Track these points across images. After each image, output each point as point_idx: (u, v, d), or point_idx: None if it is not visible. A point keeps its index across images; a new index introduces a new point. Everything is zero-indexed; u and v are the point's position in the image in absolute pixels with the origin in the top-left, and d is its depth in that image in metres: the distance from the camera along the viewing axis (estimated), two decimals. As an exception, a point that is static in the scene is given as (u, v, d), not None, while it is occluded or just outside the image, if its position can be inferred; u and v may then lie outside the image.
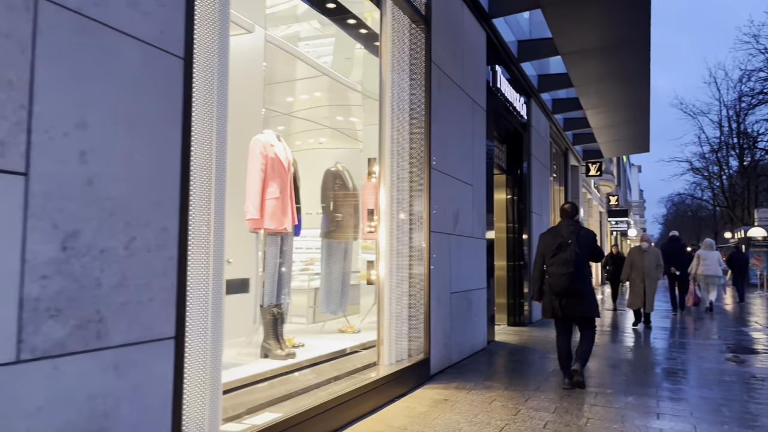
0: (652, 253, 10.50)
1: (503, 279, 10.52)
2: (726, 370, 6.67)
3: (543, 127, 12.45)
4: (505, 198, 10.71)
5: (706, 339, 9.28)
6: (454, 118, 6.80)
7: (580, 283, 5.40)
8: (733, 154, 37.25)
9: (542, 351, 7.79)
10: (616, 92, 11.25)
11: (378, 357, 5.41)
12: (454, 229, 6.70)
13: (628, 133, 14.89)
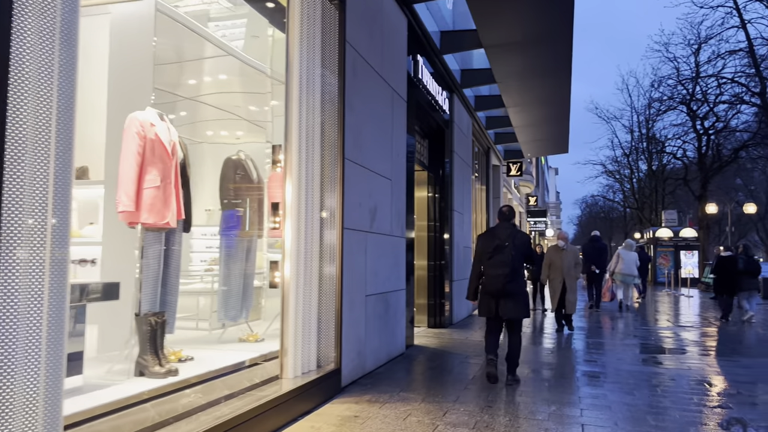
0: (571, 251, 9.95)
1: (424, 279, 10.14)
2: (645, 372, 6.53)
3: (466, 124, 12.21)
4: (427, 195, 10.33)
5: (623, 338, 9.28)
6: (372, 107, 6.29)
7: (516, 285, 5.58)
8: (642, 158, 39.13)
9: (462, 355, 7.43)
10: (538, 89, 11.14)
11: (281, 369, 4.80)
12: (371, 227, 6.18)
13: (548, 133, 14.98)
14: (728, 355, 7.81)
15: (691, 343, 8.86)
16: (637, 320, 12.02)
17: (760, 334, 10.22)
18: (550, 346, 8.40)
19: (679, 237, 30.74)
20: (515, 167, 18.86)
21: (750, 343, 9.12)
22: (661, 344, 8.72)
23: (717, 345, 8.77)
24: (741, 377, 6.34)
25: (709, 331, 10.54)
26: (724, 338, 9.55)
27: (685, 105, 26.40)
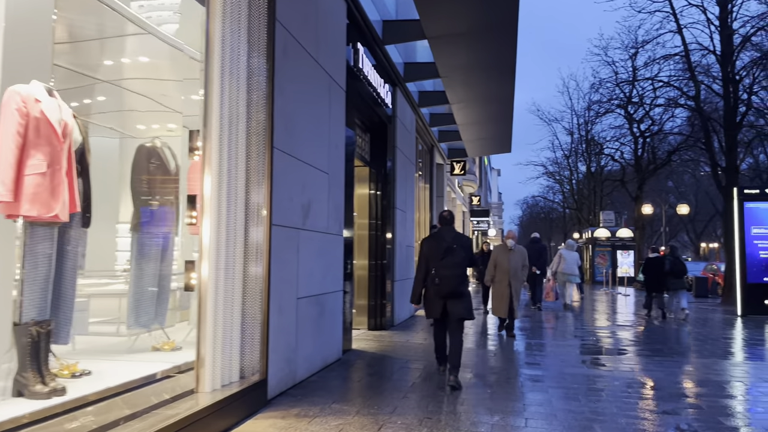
0: (518, 252, 9.11)
1: (365, 279, 9.73)
2: (589, 375, 6.33)
3: (409, 120, 11.88)
4: (369, 192, 9.93)
5: (564, 339, 9.15)
6: (306, 94, 5.81)
7: (465, 286, 5.76)
8: (582, 160, 40.09)
9: (402, 360, 7.05)
10: (482, 85, 10.93)
11: (197, 382, 4.27)
12: (305, 224, 5.71)
13: (492, 132, 14.87)
14: (668, 355, 7.75)
15: (630, 344, 8.80)
16: (578, 320, 12.01)
17: (694, 332, 10.34)
18: (492, 348, 8.15)
19: (616, 237, 31.60)
20: (459, 166, 18.73)
21: (687, 342, 9.16)
22: (602, 345, 8.62)
23: (655, 345, 8.74)
24: (682, 379, 6.23)
25: (645, 330, 10.58)
26: (661, 338, 9.57)
27: (622, 108, 27.07)
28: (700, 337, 9.70)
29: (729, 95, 16.74)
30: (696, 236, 59.32)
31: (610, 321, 11.98)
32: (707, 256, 68.10)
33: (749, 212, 13.48)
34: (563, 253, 14.86)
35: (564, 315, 12.94)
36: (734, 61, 16.90)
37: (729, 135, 16.65)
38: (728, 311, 14.68)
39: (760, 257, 13.36)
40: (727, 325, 11.68)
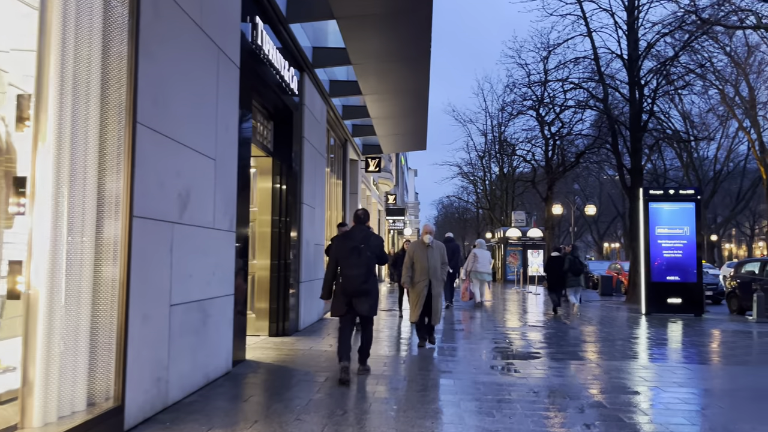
0: (437, 248, 8.04)
1: (266, 280, 8.89)
2: (503, 384, 5.87)
3: (319, 110, 11.12)
4: (272, 186, 9.09)
5: (477, 342, 8.74)
6: (185, 63, 4.94)
7: (370, 284, 5.95)
8: (495, 161, 40.84)
9: (303, 371, 6.30)
10: (396, 76, 10.37)
11: (22, 415, 3.34)
12: (181, 217, 4.84)
13: (407, 127, 14.39)
14: (579, 358, 7.49)
15: (541, 345, 8.52)
16: (491, 320, 11.73)
17: (604, 332, 10.28)
18: (404, 354, 7.57)
19: (526, 237, 32.31)
20: (374, 163, 18.18)
21: (596, 343, 9.01)
22: (514, 347, 8.27)
23: (566, 347, 8.50)
24: (598, 386, 5.89)
25: (556, 331, 10.42)
26: (571, 339, 9.39)
27: (534, 110, 27.60)
28: (610, 337, 9.61)
29: (635, 99, 17.22)
30: (599, 236, 62.41)
31: (521, 321, 11.79)
32: (609, 256, 71.95)
33: (654, 212, 13.80)
34: (476, 252, 15.17)
35: (477, 314, 12.66)
36: (640, 66, 17.41)
37: (634, 137, 17.12)
38: (633, 309, 15.02)
39: (664, 256, 13.70)
40: (633, 323, 11.80)
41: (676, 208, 13.76)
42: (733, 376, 6.44)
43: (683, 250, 13.69)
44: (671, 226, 13.73)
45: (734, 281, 15.16)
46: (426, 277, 7.85)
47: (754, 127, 33.63)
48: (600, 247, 63.45)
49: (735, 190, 41.58)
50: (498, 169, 40.77)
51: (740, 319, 13.17)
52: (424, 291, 7.84)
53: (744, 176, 42.96)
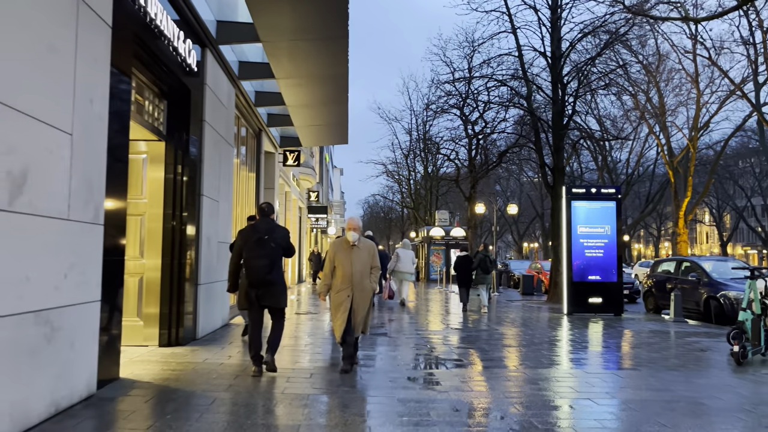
0: (366, 249, 6.49)
1: (156, 282, 7.76)
2: (423, 401, 5.12)
3: (226, 94, 10.04)
4: (165, 175, 7.96)
5: (397, 348, 7.99)
6: (19, 3, 3.85)
7: (275, 275, 6.02)
8: (419, 160, 40.65)
9: (187, 391, 5.29)
10: (312, 58, 9.46)
11: None
12: (11, 203, 3.75)
13: (327, 118, 13.49)
14: (503, 366, 6.89)
15: (463, 350, 7.89)
16: (412, 322, 11.06)
17: (527, 334, 9.83)
18: (316, 365, 6.69)
19: (450, 236, 32.18)
20: (293, 156, 17.14)
21: (519, 348, 8.49)
22: (436, 355, 7.59)
23: (490, 352, 7.92)
24: (524, 399, 5.26)
25: (478, 334, 9.87)
26: (494, 342, 8.85)
27: (458, 109, 27.41)
28: (534, 340, 9.15)
29: (557, 98, 17.15)
30: (519, 236, 64.02)
31: (443, 323, 11.19)
32: (528, 255, 74.04)
33: (576, 211, 13.62)
34: (399, 252, 15.23)
35: (398, 316, 11.97)
36: (562, 65, 17.36)
37: (556, 136, 17.04)
38: (554, 309, 14.83)
39: (586, 256, 13.55)
40: (556, 324, 11.47)
41: (597, 207, 13.65)
42: (666, 384, 6.01)
43: (604, 250, 13.59)
44: (593, 225, 13.60)
45: (651, 280, 15.30)
46: (348, 286, 6.32)
47: (663, 133, 35.16)
48: (520, 247, 65.06)
49: (645, 193, 43.49)
50: (423, 168, 40.60)
51: (657, 318, 13.20)
52: (347, 302, 6.32)
53: (653, 180, 45.12)
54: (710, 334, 10.17)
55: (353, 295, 6.34)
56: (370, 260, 6.48)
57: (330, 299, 6.56)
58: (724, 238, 60.43)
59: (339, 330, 6.33)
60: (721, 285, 12.75)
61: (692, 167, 34.65)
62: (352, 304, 6.35)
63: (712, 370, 6.80)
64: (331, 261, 6.48)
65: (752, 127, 41.31)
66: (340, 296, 6.36)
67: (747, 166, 55.44)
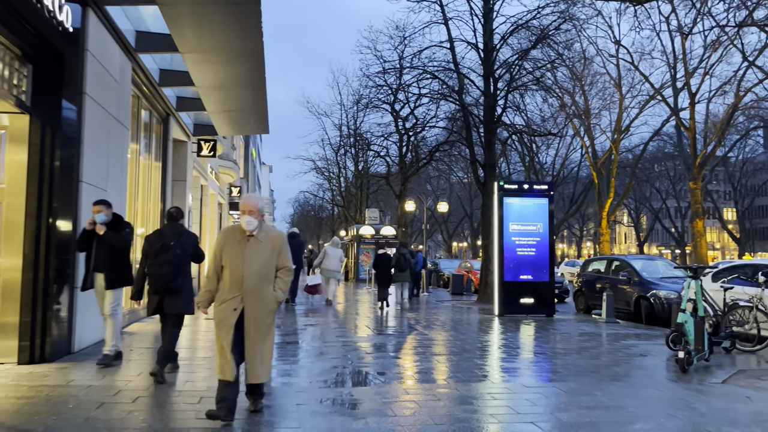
0: (271, 242, 4.49)
1: (15, 285, 6.36)
2: (335, 430, 4.13)
3: (118, 67, 8.65)
4: (30, 156, 6.56)
5: (313, 359, 6.96)
6: None
7: (179, 282, 5.80)
8: (350, 156, 39.69)
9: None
10: (220, 29, 8.25)
11: None
12: None
13: (243, 103, 12.23)
14: (432, 381, 6.01)
15: (389, 362, 6.96)
16: (334, 326, 10.03)
17: (459, 339, 9.04)
18: (211, 384, 5.55)
19: (380, 235, 31.37)
20: (208, 146, 15.67)
21: (451, 355, 7.66)
22: (357, 367, 6.61)
23: (419, 362, 7.03)
24: (457, 427, 4.37)
25: (404, 340, 8.99)
26: (424, 351, 7.98)
27: (389, 105, 26.62)
28: (466, 347, 8.35)
29: (489, 92, 16.60)
30: (449, 236, 64.33)
31: (368, 327, 10.24)
32: (458, 255, 74.68)
33: (508, 208, 13.02)
34: (327, 249, 15.03)
35: (320, 319, 10.91)
36: (494, 58, 16.84)
37: (488, 131, 16.49)
38: (485, 310, 14.21)
39: (518, 254, 12.97)
40: (488, 327, 10.77)
41: (530, 204, 13.10)
42: (615, 399, 5.30)
43: (536, 248, 13.06)
44: (525, 222, 13.04)
45: (581, 279, 14.98)
46: (238, 294, 4.33)
47: (588, 135, 35.88)
48: (449, 246, 65.40)
49: (569, 195, 44.43)
50: (354, 166, 39.62)
51: (589, 319, 12.80)
52: (231, 318, 4.28)
53: (577, 181, 46.23)
54: (645, 336, 9.75)
55: (246, 309, 4.32)
56: (276, 258, 4.46)
57: (214, 312, 4.45)
58: (641, 238, 63.11)
59: (221, 362, 4.26)
60: (652, 284, 12.50)
61: (614, 169, 35.58)
62: (244, 322, 4.33)
63: (659, 380, 6.18)
64: (217, 257, 4.45)
65: (668, 132, 43.03)
66: (224, 309, 4.33)
67: (663, 170, 58.08)
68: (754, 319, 8.08)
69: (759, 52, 29.70)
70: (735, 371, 6.67)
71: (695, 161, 32.17)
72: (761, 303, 8.06)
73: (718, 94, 32.98)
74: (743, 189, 60.15)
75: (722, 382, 6.08)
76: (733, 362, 7.37)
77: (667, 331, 10.38)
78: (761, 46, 29.71)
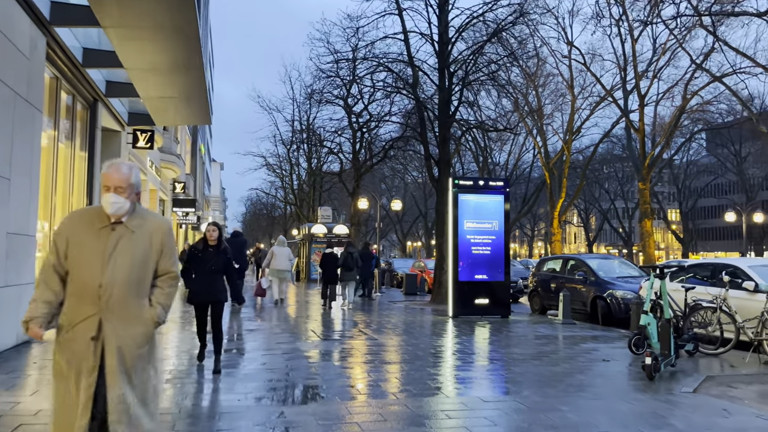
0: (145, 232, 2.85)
1: None
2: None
3: (27, 39, 7.62)
4: None
5: (254, 369, 6.15)
6: None
7: None
8: (303, 153, 38.68)
9: None
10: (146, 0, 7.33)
11: None
12: None
13: (180, 89, 11.24)
14: (380, 395, 5.32)
15: (334, 373, 6.24)
16: (278, 330, 9.22)
17: (411, 344, 8.40)
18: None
19: (333, 234, 30.54)
20: (144, 137, 14.58)
21: (402, 363, 6.98)
22: (295, 380, 5.86)
23: (366, 373, 6.33)
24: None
25: (352, 347, 8.28)
26: (372, 359, 7.28)
27: (342, 100, 25.84)
28: (418, 353, 7.70)
29: (444, 86, 16.06)
30: (403, 235, 64.00)
31: (314, 332, 9.48)
32: (412, 254, 74.50)
33: (463, 205, 12.47)
34: (275, 249, 14.78)
35: (268, 320, 10.08)
36: (449, 51, 16.31)
37: (443, 125, 15.95)
38: (439, 311, 13.65)
39: (473, 253, 12.44)
40: (441, 330, 10.18)
41: (486, 201, 12.59)
42: (584, 416, 4.73)
43: (492, 247, 12.56)
44: (480, 219, 12.52)
45: (536, 279, 14.60)
46: (94, 313, 2.69)
47: (541, 135, 36.05)
48: (404, 246, 65.06)
49: (521, 195, 44.67)
50: (306, 163, 38.58)
51: (545, 320, 12.37)
52: (90, 359, 2.65)
53: (529, 182, 46.58)
54: (603, 339, 9.33)
55: (105, 336, 2.70)
56: (157, 258, 2.90)
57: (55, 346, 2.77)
58: (590, 238, 64.34)
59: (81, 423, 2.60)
60: (608, 284, 12.18)
61: (566, 169, 35.86)
62: (104, 361, 2.68)
63: (627, 390, 5.67)
64: (58, 254, 2.78)
65: (617, 134, 43.83)
66: (75, 340, 2.70)
67: (612, 172, 59.35)
68: (718, 321, 7.72)
69: (705, 57, 30.39)
70: (703, 378, 6.24)
71: (644, 162, 32.67)
72: (725, 304, 7.71)
73: (666, 97, 33.66)
74: (687, 191, 62.03)
75: (693, 391, 5.61)
76: (697, 367, 6.97)
77: (625, 332, 10.08)
78: (707, 50, 30.43)
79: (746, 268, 8.66)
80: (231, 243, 13.64)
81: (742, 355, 7.68)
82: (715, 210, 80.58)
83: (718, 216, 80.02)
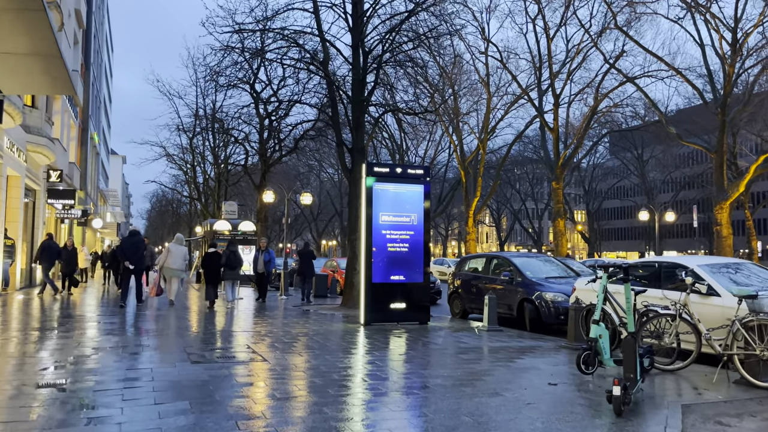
0: None
1: None
2: None
3: None
4: None
5: (71, 416, 4.14)
6: None
7: None
8: (208, 145, 35.79)
9: None
10: None
11: None
12: None
13: (23, 46, 8.83)
14: None
15: (191, 420, 4.35)
16: (148, 341, 7.14)
17: (314, 368, 6.62)
18: None
19: (238, 230, 28.10)
20: None
21: (307, 393, 5.20)
22: (201, 408, 3.94)
23: (246, 418, 4.49)
24: None
25: (237, 369, 6.39)
26: (258, 391, 5.44)
27: (248, 84, 23.55)
28: (324, 377, 5.94)
29: (358, 64, 14.37)
30: (318, 234, 61.98)
31: (188, 349, 7.47)
32: (327, 254, 72.58)
33: (379, 195, 10.83)
34: (171, 247, 14.52)
35: (163, 318, 7.93)
36: (364, 28, 14.65)
37: (356, 108, 14.25)
38: (350, 318, 11.94)
39: (389, 251, 10.81)
40: (352, 343, 8.48)
41: (403, 191, 11.00)
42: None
43: (410, 243, 11.00)
44: (398, 212, 10.93)
45: (457, 280, 13.22)
46: None
47: (456, 133, 35.32)
48: (319, 245, 63.04)
49: (436, 195, 43.99)
50: (212, 155, 35.62)
51: (467, 326, 10.95)
52: None
53: (444, 182, 46.07)
54: (539, 350, 7.98)
55: None
56: None
57: None
58: (502, 237, 65.19)
59: None
60: (537, 285, 10.97)
61: (482, 168, 35.38)
62: None
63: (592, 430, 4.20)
64: None
65: (530, 135, 44.24)
66: None
67: (523, 173, 60.37)
68: (676, 331, 6.51)
69: (617, 58, 30.74)
70: (678, 408, 4.91)
71: (558, 162, 32.66)
72: (685, 310, 6.50)
73: (578, 98, 33.88)
74: (593, 192, 64.17)
75: (679, 432, 4.22)
76: (658, 389, 5.68)
77: (562, 341, 8.75)
78: (618, 52, 30.81)
79: (697, 267, 7.57)
80: (127, 243, 13.32)
81: (703, 370, 6.52)
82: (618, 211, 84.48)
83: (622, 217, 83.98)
